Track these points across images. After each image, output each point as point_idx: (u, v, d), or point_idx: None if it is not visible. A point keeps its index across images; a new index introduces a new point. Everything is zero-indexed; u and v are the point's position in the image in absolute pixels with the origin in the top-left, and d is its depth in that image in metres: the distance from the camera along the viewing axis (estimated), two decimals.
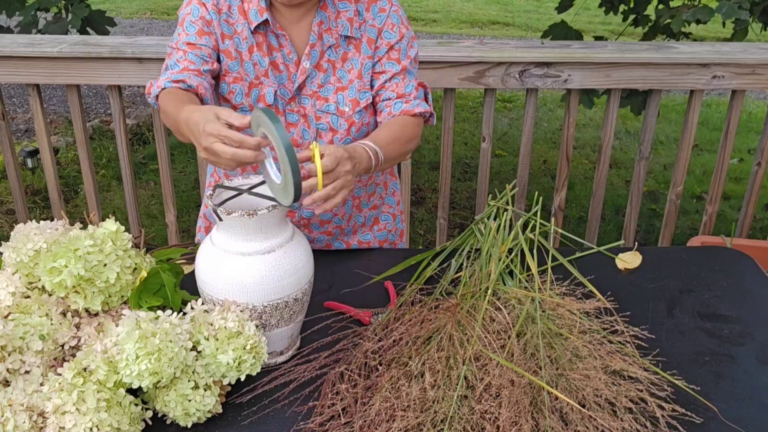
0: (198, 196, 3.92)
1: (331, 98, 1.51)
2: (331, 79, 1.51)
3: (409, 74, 1.54)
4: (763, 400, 1.19)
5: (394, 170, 1.75)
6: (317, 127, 1.52)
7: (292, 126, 1.53)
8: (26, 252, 1.20)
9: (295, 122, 1.53)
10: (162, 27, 8.84)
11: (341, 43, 1.50)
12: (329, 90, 1.51)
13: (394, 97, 1.52)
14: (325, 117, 1.51)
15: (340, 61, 1.51)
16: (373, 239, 1.73)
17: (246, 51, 1.48)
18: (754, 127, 5.31)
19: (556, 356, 1.16)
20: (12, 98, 5.82)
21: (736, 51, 2.41)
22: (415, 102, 1.53)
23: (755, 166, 2.60)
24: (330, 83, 1.51)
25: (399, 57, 1.52)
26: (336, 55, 1.50)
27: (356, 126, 1.52)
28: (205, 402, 1.10)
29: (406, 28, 1.54)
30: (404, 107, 1.51)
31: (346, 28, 1.48)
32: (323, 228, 1.65)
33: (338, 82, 1.51)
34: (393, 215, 1.75)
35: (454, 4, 9.96)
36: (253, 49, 1.48)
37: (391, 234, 1.76)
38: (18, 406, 1.05)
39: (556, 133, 5.25)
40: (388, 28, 1.51)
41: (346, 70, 1.51)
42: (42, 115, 2.52)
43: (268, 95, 1.49)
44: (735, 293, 1.49)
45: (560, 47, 2.44)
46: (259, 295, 1.18)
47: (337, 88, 1.51)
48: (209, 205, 1.18)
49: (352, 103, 1.51)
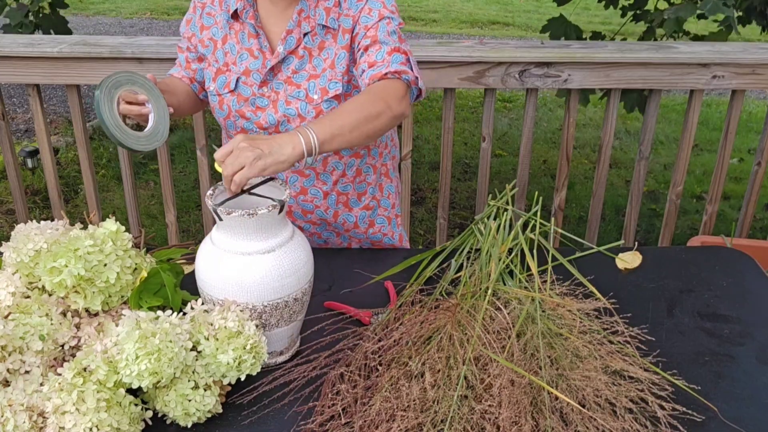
0: (198, 196, 3.92)
1: (303, 84, 1.52)
2: (306, 66, 1.52)
3: (383, 44, 1.47)
4: (763, 400, 1.19)
5: (390, 172, 1.74)
6: (286, 112, 1.53)
7: (260, 110, 1.55)
8: (26, 252, 1.20)
9: (264, 107, 1.54)
10: (162, 27, 8.84)
11: (318, 32, 1.51)
12: (302, 77, 1.52)
13: (366, 68, 1.47)
14: (294, 102, 1.52)
15: (317, 50, 1.52)
16: (365, 239, 1.73)
17: (220, 40, 1.57)
18: (754, 126, 5.31)
19: (556, 356, 1.16)
20: (12, 98, 5.82)
21: (736, 51, 2.41)
22: (384, 65, 1.45)
23: (755, 165, 2.60)
24: (305, 70, 1.52)
25: (375, 33, 1.48)
26: (313, 43, 1.51)
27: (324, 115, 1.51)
28: (205, 402, 1.10)
29: (388, 11, 1.50)
30: (372, 72, 1.45)
31: (322, 17, 1.49)
32: (306, 218, 1.66)
33: (313, 70, 1.52)
34: (388, 218, 1.75)
35: (454, 4, 9.96)
36: (227, 38, 1.56)
37: (387, 237, 1.75)
38: (18, 406, 1.05)
39: (556, 133, 5.26)
40: (366, 14, 1.50)
41: (322, 58, 1.52)
42: (42, 115, 2.52)
43: (232, 82, 1.55)
44: (735, 293, 1.49)
45: (560, 47, 2.44)
46: (259, 294, 1.18)
47: (311, 75, 1.52)
48: (209, 204, 1.19)
49: (321, 91, 1.51)
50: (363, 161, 1.64)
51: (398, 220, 1.79)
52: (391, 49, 1.47)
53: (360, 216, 1.70)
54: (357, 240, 1.74)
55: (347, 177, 1.63)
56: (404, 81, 1.45)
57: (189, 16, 1.61)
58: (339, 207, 1.66)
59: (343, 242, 1.74)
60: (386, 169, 1.73)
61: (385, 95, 1.40)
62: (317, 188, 1.62)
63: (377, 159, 1.68)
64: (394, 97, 1.40)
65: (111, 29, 8.70)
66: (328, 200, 1.64)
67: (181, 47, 1.64)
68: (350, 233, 1.71)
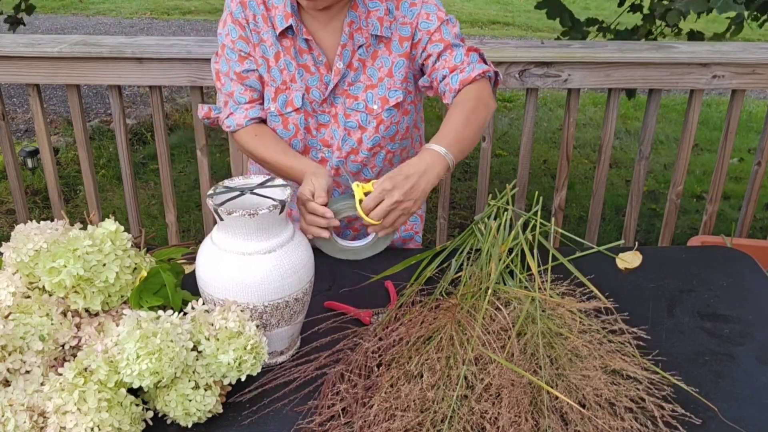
0: (198, 196, 3.91)
1: (361, 96, 1.51)
2: (361, 77, 1.51)
3: (455, 47, 1.52)
4: (763, 400, 1.19)
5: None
6: (346, 125, 1.52)
7: (323, 127, 1.53)
8: (26, 252, 1.20)
9: (326, 123, 1.54)
10: (162, 27, 8.85)
11: (372, 42, 1.50)
12: (359, 88, 1.51)
13: (448, 72, 1.50)
14: (354, 115, 1.52)
15: (371, 60, 1.51)
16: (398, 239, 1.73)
17: (272, 57, 1.51)
18: (754, 126, 5.31)
19: (556, 356, 1.16)
20: (12, 98, 5.82)
21: (736, 51, 2.41)
22: (470, 68, 1.50)
23: (755, 165, 2.60)
24: (360, 81, 1.51)
25: (441, 37, 1.51)
26: (367, 53, 1.51)
27: (385, 124, 1.52)
28: (206, 402, 1.10)
29: (444, 13, 1.53)
30: (461, 77, 1.49)
31: (376, 28, 1.48)
32: (351, 225, 1.66)
33: (368, 80, 1.51)
34: (421, 216, 1.76)
35: (454, 4, 9.96)
36: (280, 55, 1.50)
37: (417, 236, 1.77)
38: (18, 406, 1.05)
39: (556, 132, 5.25)
40: (424, 19, 1.50)
41: (376, 68, 1.51)
42: (42, 115, 2.52)
43: (296, 99, 1.51)
44: (735, 293, 1.49)
45: (560, 47, 2.44)
46: (259, 294, 1.18)
47: (367, 86, 1.51)
48: (210, 204, 1.19)
49: (381, 100, 1.51)
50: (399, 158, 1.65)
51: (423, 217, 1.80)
52: (466, 50, 1.53)
53: None
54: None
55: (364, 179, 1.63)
56: (488, 78, 1.53)
57: (244, 33, 1.50)
58: None
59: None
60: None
61: (484, 97, 1.49)
62: None
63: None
64: (489, 97, 1.51)
65: (111, 29, 8.70)
66: None
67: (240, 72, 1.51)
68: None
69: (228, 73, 1.53)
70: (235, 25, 1.51)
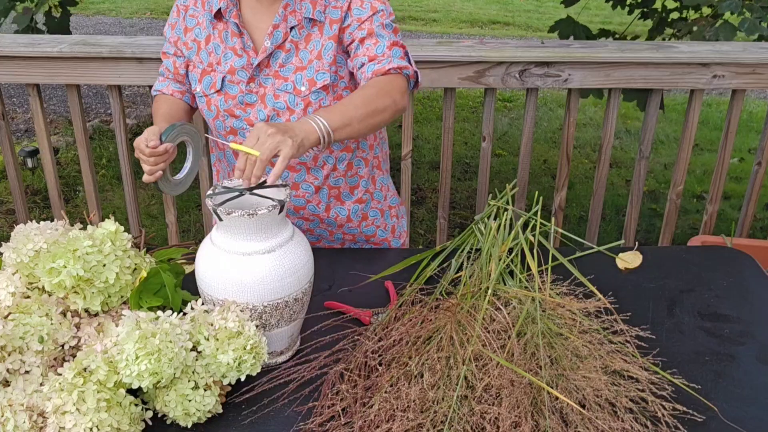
0: (198, 196, 3.91)
1: (290, 77, 1.52)
2: (293, 59, 1.52)
3: (380, 37, 1.50)
4: (763, 399, 1.19)
5: (382, 165, 1.74)
6: (275, 106, 1.53)
7: (249, 107, 1.55)
8: (26, 252, 1.20)
9: (253, 103, 1.54)
10: (162, 27, 8.83)
11: (305, 25, 1.51)
12: (290, 70, 1.52)
13: (366, 61, 1.50)
14: (282, 96, 1.52)
15: (304, 42, 1.52)
16: (359, 233, 1.73)
17: (203, 40, 1.57)
18: (754, 126, 5.31)
19: (557, 356, 1.15)
20: (12, 98, 5.82)
21: (736, 50, 2.41)
22: (386, 60, 1.49)
23: (755, 165, 2.60)
24: (291, 63, 1.52)
25: (369, 25, 1.50)
26: (299, 36, 1.52)
27: (313, 107, 1.52)
28: (205, 402, 1.10)
29: (380, 3, 1.52)
30: (375, 67, 1.48)
31: (308, 10, 1.50)
32: (298, 214, 1.66)
33: (299, 62, 1.52)
34: (381, 210, 1.75)
35: (454, 4, 9.96)
36: (210, 38, 1.56)
37: (380, 230, 1.75)
38: (18, 406, 1.05)
39: (556, 132, 5.25)
40: (357, 5, 1.50)
41: (308, 51, 1.52)
42: (42, 115, 2.52)
43: (218, 82, 1.55)
44: (735, 293, 1.48)
45: (560, 47, 2.44)
46: (259, 295, 1.18)
47: (297, 67, 1.52)
48: (209, 204, 1.19)
49: (309, 82, 1.51)
50: (354, 155, 1.64)
51: (392, 212, 1.79)
52: (390, 43, 1.51)
53: (353, 209, 1.69)
54: (351, 236, 1.73)
55: (338, 171, 1.63)
56: (405, 76, 1.51)
57: (173, 20, 1.61)
58: (331, 201, 1.66)
59: (336, 239, 1.73)
60: (378, 161, 1.72)
61: (390, 90, 1.46)
62: (309, 183, 1.62)
63: (368, 152, 1.68)
64: (398, 93, 1.47)
65: (111, 29, 8.71)
66: (320, 195, 1.64)
67: (167, 53, 1.63)
68: (343, 228, 1.71)
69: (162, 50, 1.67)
70: (174, 10, 1.62)
